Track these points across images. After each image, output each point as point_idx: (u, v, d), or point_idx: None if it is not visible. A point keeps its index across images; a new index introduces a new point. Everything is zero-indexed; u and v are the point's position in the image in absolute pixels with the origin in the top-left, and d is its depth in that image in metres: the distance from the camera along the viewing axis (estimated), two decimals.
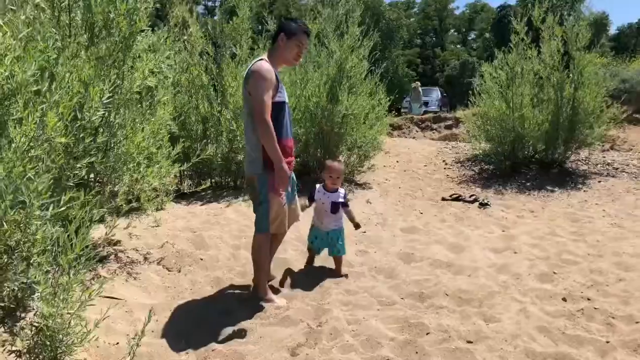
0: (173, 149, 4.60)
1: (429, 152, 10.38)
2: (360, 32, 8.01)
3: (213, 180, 7.13)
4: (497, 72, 8.57)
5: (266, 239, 3.65)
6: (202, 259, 4.29)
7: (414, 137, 15.35)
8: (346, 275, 4.21)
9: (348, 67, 7.73)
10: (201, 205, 6.14)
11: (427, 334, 3.29)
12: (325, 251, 4.31)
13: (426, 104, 24.95)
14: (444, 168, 9.18)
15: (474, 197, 7.07)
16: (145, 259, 4.20)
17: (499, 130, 8.38)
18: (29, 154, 2.45)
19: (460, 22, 73.27)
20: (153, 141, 4.43)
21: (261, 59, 3.46)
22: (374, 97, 8.45)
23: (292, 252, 4.66)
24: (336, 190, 4.09)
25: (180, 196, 6.35)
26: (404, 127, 17.44)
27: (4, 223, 2.33)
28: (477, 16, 69.70)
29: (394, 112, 9.99)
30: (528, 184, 7.93)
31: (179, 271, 4.08)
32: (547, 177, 8.10)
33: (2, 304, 2.49)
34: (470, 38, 73.87)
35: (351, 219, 4.15)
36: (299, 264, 4.42)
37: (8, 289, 2.53)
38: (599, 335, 3.23)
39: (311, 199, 4.17)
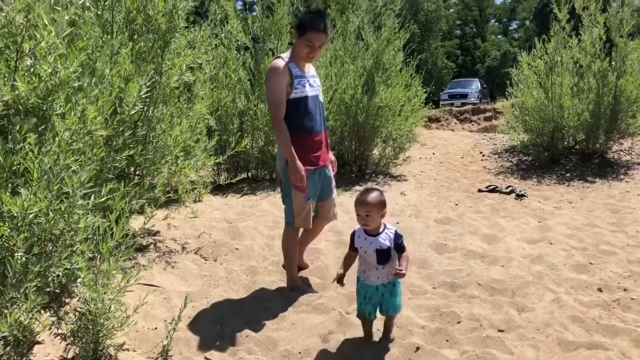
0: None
1: (466, 143, 10.28)
2: (398, 23, 8.02)
3: (249, 174, 7.25)
4: (536, 62, 8.43)
5: (293, 232, 3.74)
6: (237, 249, 4.41)
7: (452, 130, 15.21)
8: (392, 340, 3.08)
9: (385, 59, 7.75)
10: (237, 197, 6.27)
11: (458, 322, 3.32)
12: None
13: (465, 95, 24.63)
14: (481, 160, 9.09)
15: (510, 188, 6.99)
16: (183, 248, 4.34)
17: (537, 120, 8.24)
18: (72, 147, 2.57)
19: (501, 11, 71.76)
20: (190, 135, 4.56)
21: (277, 57, 3.52)
22: (409, 89, 8.44)
23: (325, 243, 4.72)
24: (381, 232, 2.86)
25: (217, 188, 6.49)
26: (442, 120, 17.29)
27: (50, 212, 2.45)
28: (518, 5, 68.12)
29: (430, 104, 9.91)
30: (568, 174, 7.78)
31: (215, 260, 4.20)
32: (587, 168, 7.94)
33: (48, 289, 2.62)
34: (511, 28, 72.29)
35: (399, 265, 2.82)
36: (331, 254, 4.47)
37: (53, 275, 2.66)
38: (635, 325, 3.18)
39: (353, 248, 2.97)
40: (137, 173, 4.24)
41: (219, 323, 3.31)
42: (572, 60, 8.18)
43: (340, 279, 3.00)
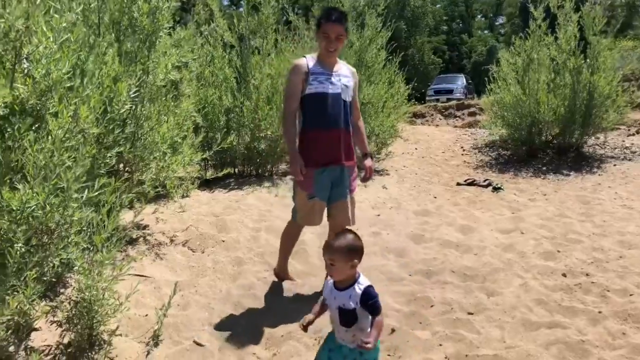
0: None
1: (448, 139, 10.54)
2: (380, 22, 8.24)
3: (236, 170, 7.43)
4: (514, 59, 8.70)
5: (293, 225, 3.83)
6: (224, 241, 4.60)
7: (437, 125, 15.46)
8: None
9: (367, 57, 7.96)
10: (224, 192, 6.45)
11: (431, 306, 3.56)
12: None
13: (451, 91, 24.88)
14: (462, 154, 9.34)
15: (487, 181, 7.25)
16: (171, 241, 4.53)
17: (515, 116, 8.51)
18: (65, 145, 2.74)
19: (487, 7, 72.14)
20: (178, 132, 4.74)
21: (303, 56, 3.65)
22: (393, 85, 8.66)
23: (310, 235, 4.91)
24: (351, 285, 2.28)
25: (205, 184, 6.67)
26: (427, 115, 17.52)
27: (47, 206, 2.62)
28: (504, 0, 68.45)
29: (413, 100, 10.11)
30: (544, 168, 8.06)
31: (203, 252, 4.40)
32: (563, 162, 8.22)
33: (45, 279, 2.79)
34: (497, 23, 72.74)
35: (375, 335, 2.17)
36: (315, 246, 4.67)
37: (50, 265, 2.84)
38: (593, 306, 3.43)
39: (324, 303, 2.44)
40: (126, 169, 4.41)
41: (207, 310, 3.51)
42: (548, 57, 8.46)
43: (306, 325, 2.39)
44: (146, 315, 3.35)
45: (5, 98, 2.59)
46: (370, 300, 2.23)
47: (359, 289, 2.25)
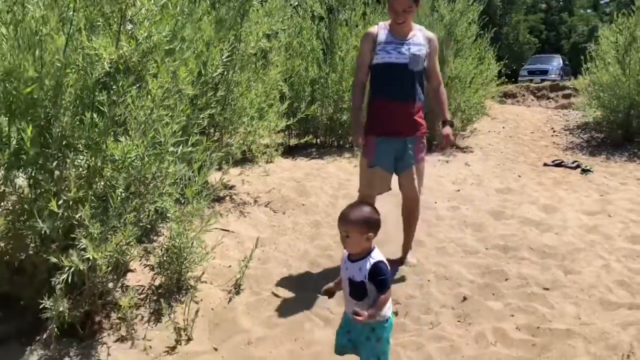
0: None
1: (538, 119, 10.17)
2: None
3: (318, 140, 7.59)
4: (615, 37, 8.21)
5: (360, 196, 3.79)
6: (303, 205, 4.78)
7: (528, 106, 14.91)
8: None
9: (457, 31, 7.82)
10: (306, 160, 6.64)
11: (505, 279, 3.55)
12: None
13: (546, 72, 23.77)
14: (552, 135, 9.01)
15: (576, 163, 6.97)
16: (255, 201, 4.76)
17: (612, 97, 8.07)
18: (163, 103, 2.96)
19: None
20: (265, 99, 4.94)
21: (376, 24, 3.66)
22: (482, 62, 8.46)
23: (389, 206, 4.97)
24: (363, 258, 2.22)
25: (288, 152, 6.88)
26: (519, 95, 16.90)
27: (145, 157, 2.86)
28: None
29: (503, 78, 9.77)
30: None
31: (284, 213, 4.59)
32: None
33: (141, 224, 3.05)
34: (602, 2, 68.14)
35: (377, 310, 2.14)
36: (393, 216, 4.72)
37: (145, 212, 3.10)
38: None
39: None
40: (216, 132, 4.66)
41: (285, 265, 3.70)
42: None
43: (326, 293, 2.46)
44: (229, 266, 3.58)
45: (112, 55, 2.82)
46: (379, 276, 2.16)
47: (369, 262, 2.19)
